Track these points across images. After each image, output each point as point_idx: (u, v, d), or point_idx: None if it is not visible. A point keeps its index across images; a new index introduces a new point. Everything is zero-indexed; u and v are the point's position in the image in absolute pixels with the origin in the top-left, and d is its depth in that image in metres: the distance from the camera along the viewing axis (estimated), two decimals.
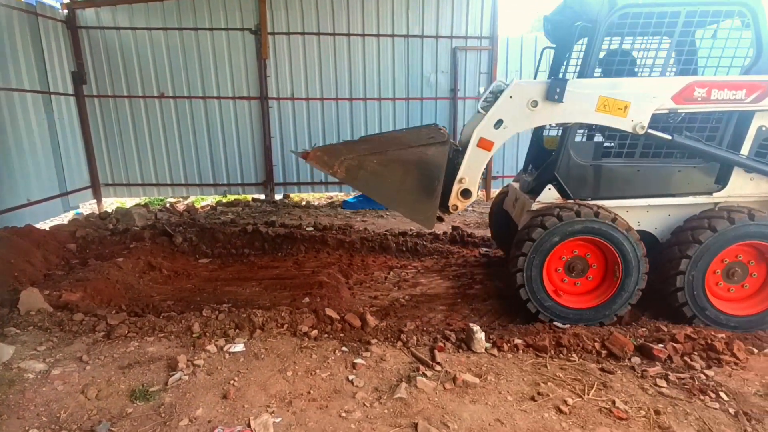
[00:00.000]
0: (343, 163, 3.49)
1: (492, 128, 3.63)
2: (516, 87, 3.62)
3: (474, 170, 3.72)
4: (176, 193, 9.01)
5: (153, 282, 4.75)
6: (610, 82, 3.61)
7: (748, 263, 3.65)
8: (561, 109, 3.57)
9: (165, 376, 2.88)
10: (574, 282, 3.82)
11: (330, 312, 3.64)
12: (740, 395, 2.75)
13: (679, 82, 3.51)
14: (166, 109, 8.39)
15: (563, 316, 3.71)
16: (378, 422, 2.48)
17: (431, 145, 3.44)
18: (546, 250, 3.62)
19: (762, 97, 3.48)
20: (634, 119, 3.54)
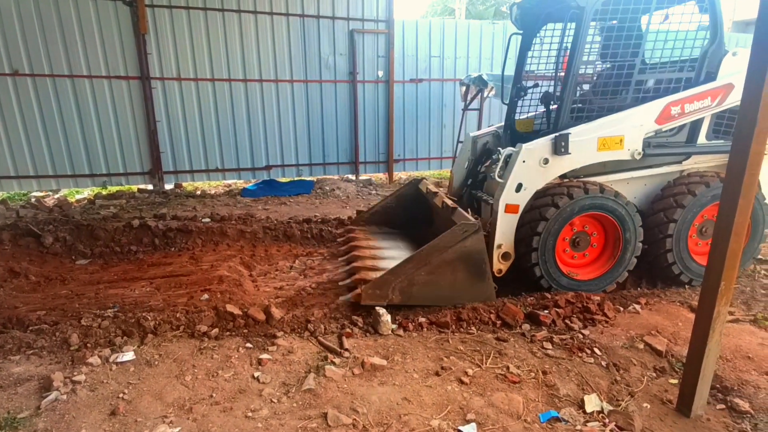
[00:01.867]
0: (396, 289, 3.64)
1: (514, 193, 3.92)
2: (525, 152, 3.88)
3: (508, 234, 4.01)
4: (43, 186, 7.85)
5: (17, 291, 4.12)
6: (602, 122, 3.97)
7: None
8: (569, 158, 3.91)
9: (37, 399, 2.53)
10: (582, 255, 4.19)
11: (231, 308, 3.46)
12: (610, 349, 3.15)
13: (658, 106, 3.95)
14: (22, 89, 7.20)
15: (571, 288, 4.03)
16: (287, 417, 2.43)
17: (467, 237, 3.63)
18: (558, 227, 3.92)
19: (723, 99, 3.99)
20: (630, 148, 3.97)
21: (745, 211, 2.26)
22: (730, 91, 3.98)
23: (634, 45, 4.03)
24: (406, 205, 5.38)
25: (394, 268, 3.73)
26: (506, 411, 2.53)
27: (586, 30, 3.94)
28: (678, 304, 3.88)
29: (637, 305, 3.76)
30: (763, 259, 4.93)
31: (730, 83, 3.97)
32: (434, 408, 2.55)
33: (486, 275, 3.73)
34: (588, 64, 4.28)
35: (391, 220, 5.44)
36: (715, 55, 4.02)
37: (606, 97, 4.17)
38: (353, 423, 2.39)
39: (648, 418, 2.52)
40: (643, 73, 4.12)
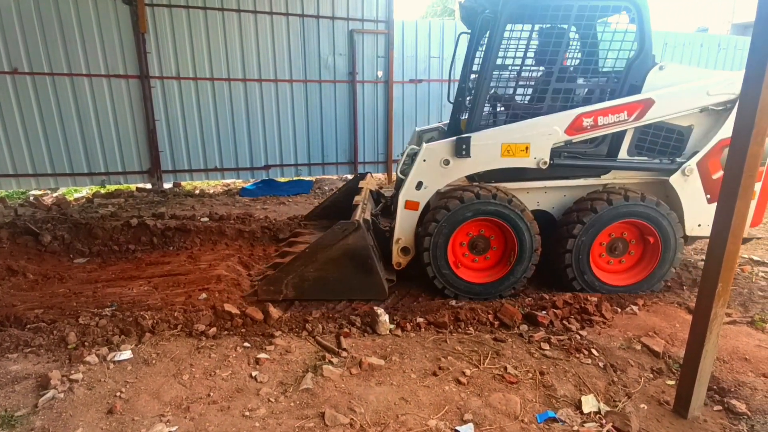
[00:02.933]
0: (289, 285, 3.84)
1: (414, 190, 3.95)
2: (426, 150, 3.90)
3: (407, 230, 4.04)
4: (42, 185, 7.83)
5: (15, 289, 4.12)
6: (508, 128, 3.91)
7: (629, 240, 4.15)
8: (471, 161, 3.89)
9: (34, 397, 2.53)
10: (474, 258, 4.15)
11: (229, 307, 3.46)
12: (607, 350, 3.16)
13: (569, 116, 3.85)
14: (21, 87, 7.18)
15: (467, 290, 4.03)
16: (284, 416, 2.43)
17: (348, 235, 3.76)
18: (448, 230, 3.90)
19: (642, 114, 3.86)
20: (536, 156, 3.88)
21: (743, 214, 2.27)
22: (650, 106, 3.83)
23: (551, 52, 3.94)
24: (350, 199, 5.37)
25: (285, 265, 3.92)
26: (503, 411, 2.53)
27: (500, 33, 3.91)
28: (675, 305, 3.89)
29: (635, 306, 3.77)
30: (761, 261, 4.95)
31: (650, 98, 3.82)
32: (431, 408, 2.55)
33: (374, 270, 3.80)
34: (502, 69, 4.17)
35: (340, 214, 5.44)
36: (641, 68, 3.90)
37: (521, 103, 4.16)
38: (350, 423, 2.39)
39: (645, 419, 2.52)
40: (562, 82, 3.97)
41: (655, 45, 11.00)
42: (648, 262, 4.14)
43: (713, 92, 3.82)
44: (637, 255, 4.21)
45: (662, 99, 3.83)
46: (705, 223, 4.05)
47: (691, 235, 4.12)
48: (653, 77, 3.86)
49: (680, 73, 3.91)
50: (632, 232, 4.12)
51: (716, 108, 3.89)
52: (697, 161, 3.90)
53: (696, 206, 4.02)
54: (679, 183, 3.94)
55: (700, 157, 3.90)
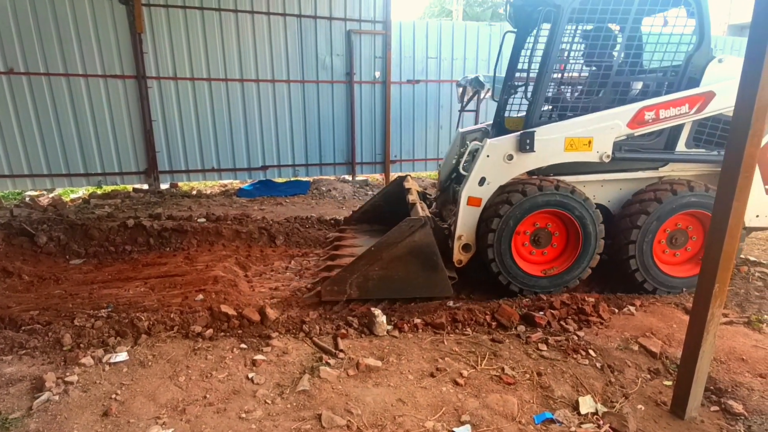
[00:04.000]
0: (353, 285, 3.82)
1: (477, 186, 3.94)
2: (490, 146, 3.90)
3: (469, 227, 4.03)
4: (38, 186, 7.80)
5: (10, 290, 4.09)
6: (572, 123, 3.93)
7: (687, 229, 4.14)
8: (534, 156, 3.89)
9: (29, 399, 2.51)
10: (541, 252, 4.15)
11: (226, 308, 3.44)
12: (605, 350, 3.15)
13: (631, 110, 3.86)
14: (17, 87, 7.15)
15: (532, 284, 4.05)
16: (281, 418, 2.42)
17: (415, 232, 3.76)
18: (512, 224, 3.90)
19: (703, 107, 3.87)
20: (599, 150, 3.90)
21: (739, 214, 2.27)
22: (711, 99, 3.85)
23: (611, 46, 3.97)
24: (392, 202, 5.45)
25: (349, 265, 3.88)
26: (501, 412, 2.53)
27: (561, 30, 3.93)
28: (673, 306, 3.89)
29: (632, 307, 3.77)
30: (757, 261, 4.96)
31: (711, 91, 3.84)
32: (429, 409, 2.54)
33: (439, 267, 3.80)
34: (563, 63, 4.24)
35: (380, 218, 5.51)
36: (700, 61, 3.92)
37: (581, 98, 4.15)
38: (347, 424, 2.38)
39: (642, 419, 2.52)
40: (621, 76, 4.03)
41: None
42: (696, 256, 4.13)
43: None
44: (696, 247, 4.18)
45: (723, 91, 3.81)
46: (764, 213, 4.06)
47: (749, 226, 4.10)
48: (712, 70, 3.86)
49: (739, 66, 3.92)
50: (693, 224, 4.10)
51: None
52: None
53: (755, 196, 3.92)
54: None
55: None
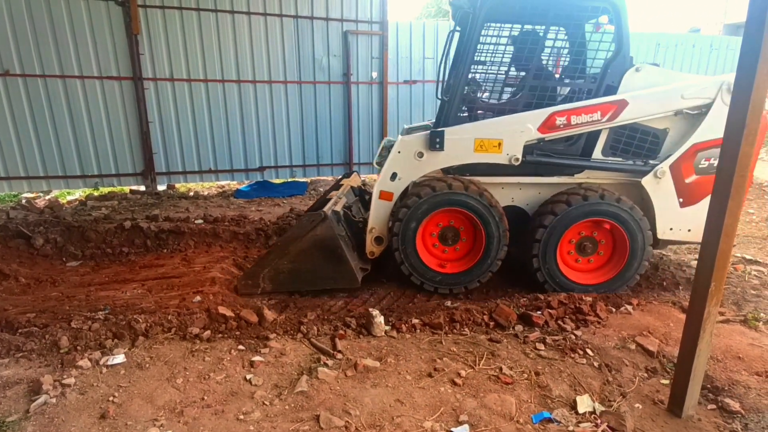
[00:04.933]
0: (265, 278, 4.00)
1: (389, 181, 4.05)
2: (401, 143, 4.01)
3: (381, 220, 4.13)
4: (34, 188, 7.77)
5: (7, 293, 4.08)
6: (482, 124, 3.97)
7: (597, 239, 4.13)
8: (444, 155, 3.96)
9: (26, 402, 2.50)
10: (443, 249, 4.22)
11: (224, 310, 3.44)
12: (602, 350, 3.16)
13: (542, 114, 3.87)
14: (13, 89, 7.11)
15: (430, 278, 4.13)
16: (279, 420, 2.42)
17: (316, 226, 3.89)
18: (418, 217, 3.97)
19: (615, 115, 3.86)
20: (509, 153, 3.92)
21: (735, 213, 2.28)
22: (624, 107, 3.83)
23: (528, 50, 4.01)
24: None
25: (260, 259, 4.07)
26: (499, 412, 2.53)
27: (477, 32, 3.94)
28: (670, 304, 3.90)
29: (629, 306, 3.78)
30: (753, 260, 4.98)
31: (623, 99, 3.83)
32: (427, 409, 2.54)
33: (344, 259, 3.91)
34: (478, 65, 4.27)
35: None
36: (617, 69, 3.90)
37: (497, 100, 4.22)
38: (345, 425, 2.38)
39: (640, 418, 2.53)
40: (538, 80, 4.02)
41: (648, 46, 10.97)
42: (616, 263, 4.12)
43: (687, 96, 3.82)
44: (603, 259, 4.19)
45: (636, 101, 3.83)
46: (677, 227, 4.05)
47: (662, 238, 4.10)
48: (629, 79, 3.86)
49: (656, 76, 3.90)
50: (605, 234, 4.10)
51: (691, 112, 3.87)
52: (670, 164, 3.89)
53: (668, 209, 4.00)
54: (651, 185, 3.94)
55: (673, 161, 3.89)
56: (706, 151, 3.82)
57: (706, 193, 3.86)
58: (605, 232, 4.08)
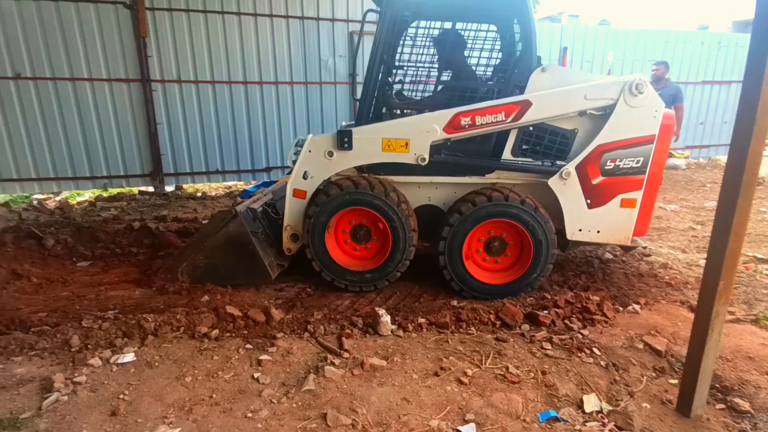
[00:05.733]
0: (184, 272, 4.10)
1: (301, 179, 4.06)
2: (311, 142, 4.00)
3: (296, 217, 4.15)
4: (45, 189, 7.88)
5: (19, 293, 4.13)
6: (390, 124, 3.97)
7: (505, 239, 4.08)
8: (353, 154, 3.96)
9: (38, 399, 2.54)
10: (354, 247, 4.24)
11: (231, 309, 3.47)
12: (609, 349, 3.15)
13: (447, 115, 3.83)
14: (24, 93, 7.23)
15: (339, 274, 4.13)
16: (286, 418, 2.44)
17: (228, 223, 3.99)
18: (326, 215, 3.99)
19: (520, 116, 3.80)
20: (416, 153, 3.89)
21: (745, 211, 2.26)
22: (528, 108, 3.78)
23: (437, 51, 4.08)
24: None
25: (178, 254, 4.18)
26: (505, 411, 2.53)
27: (385, 31, 3.93)
28: (678, 303, 3.88)
29: (637, 305, 3.76)
30: (765, 259, 4.93)
31: (527, 100, 3.78)
32: (433, 408, 2.55)
33: (256, 255, 3.97)
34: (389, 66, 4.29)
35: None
36: (524, 70, 3.86)
37: (408, 100, 4.24)
38: (352, 423, 2.40)
39: (647, 418, 2.52)
40: (446, 81, 3.99)
41: (656, 43, 10.86)
42: (521, 265, 4.04)
43: (590, 96, 3.76)
44: (510, 260, 4.12)
45: (539, 101, 3.77)
46: (586, 228, 3.98)
47: (572, 239, 4.03)
48: (535, 79, 3.80)
49: (562, 76, 3.85)
50: (513, 236, 4.04)
51: (595, 113, 3.82)
52: (576, 165, 3.83)
53: (576, 211, 3.93)
54: (558, 186, 3.88)
55: (579, 162, 3.82)
56: (611, 153, 3.77)
57: (613, 195, 3.87)
58: (513, 234, 4.03)
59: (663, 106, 3.73)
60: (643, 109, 3.69)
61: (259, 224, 4.21)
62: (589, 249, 5.15)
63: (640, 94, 3.66)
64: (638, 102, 3.68)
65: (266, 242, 4.18)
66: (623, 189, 3.83)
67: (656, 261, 4.95)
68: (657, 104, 3.71)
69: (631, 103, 3.68)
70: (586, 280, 4.43)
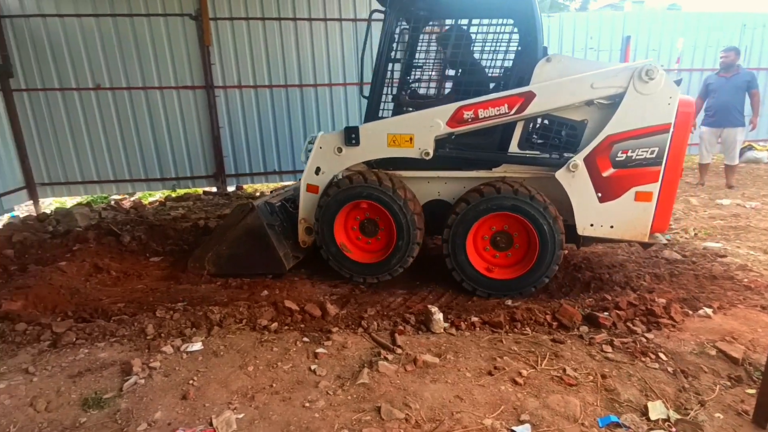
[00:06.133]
0: (209, 262, 4.42)
1: (314, 175, 4.27)
2: (321, 139, 4.19)
3: (309, 211, 4.35)
4: (120, 190, 8.57)
5: (101, 285, 4.53)
6: (395, 120, 4.08)
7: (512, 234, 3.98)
8: (361, 150, 4.10)
9: (119, 381, 2.78)
10: (374, 240, 4.34)
11: (289, 303, 3.62)
12: (678, 354, 2.98)
13: (450, 109, 3.83)
14: (103, 102, 7.90)
15: (350, 268, 4.31)
16: (342, 409, 2.52)
17: (246, 216, 4.28)
18: (336, 206, 4.15)
19: (523, 108, 3.70)
20: (420, 147, 3.94)
21: None
22: (531, 99, 3.67)
23: (441, 46, 4.08)
24: None
25: (204, 244, 4.45)
26: (562, 414, 2.47)
27: (391, 29, 4.03)
28: (759, 309, 3.58)
29: (709, 309, 3.52)
30: None
31: (530, 91, 3.67)
32: (487, 407, 2.53)
33: (271, 246, 4.22)
34: (396, 63, 4.29)
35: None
36: (528, 61, 3.76)
37: (415, 96, 4.29)
38: (406, 418, 2.43)
39: (720, 429, 2.36)
40: (454, 75, 4.08)
41: (733, 27, 10.11)
42: (529, 259, 3.91)
43: (597, 85, 3.60)
44: (518, 255, 4.02)
45: (543, 92, 3.67)
46: (598, 223, 3.78)
47: (583, 235, 3.85)
48: (540, 70, 3.70)
49: (568, 66, 3.71)
50: (519, 230, 3.92)
51: (604, 102, 3.65)
52: (584, 157, 3.65)
53: (586, 205, 3.75)
54: (566, 179, 3.72)
55: (587, 153, 3.64)
56: (622, 143, 3.57)
57: (626, 188, 3.65)
58: (520, 229, 3.92)
59: (678, 92, 3.51)
60: (656, 97, 3.49)
61: (277, 218, 4.45)
62: (654, 249, 4.87)
63: (651, 80, 3.46)
64: (650, 89, 3.48)
65: (283, 235, 4.42)
66: (637, 181, 3.63)
67: (733, 262, 4.59)
68: (671, 90, 3.49)
69: (642, 91, 3.49)
70: (651, 281, 4.19)
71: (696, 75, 9.91)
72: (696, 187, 7.92)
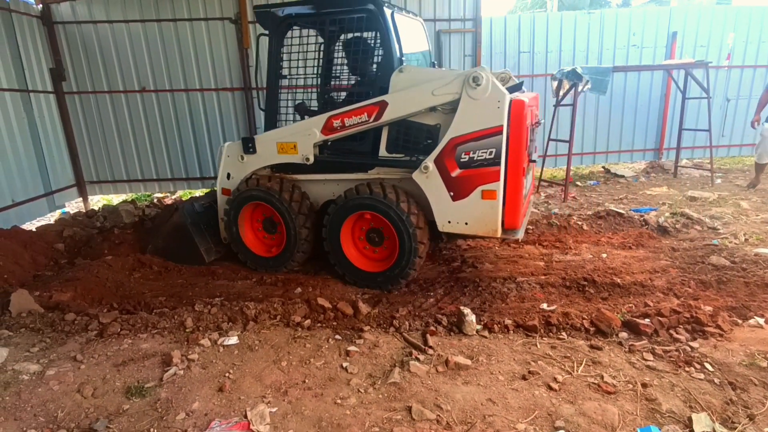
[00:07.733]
0: (152, 250, 5.11)
1: (226, 180, 4.88)
2: (227, 148, 4.82)
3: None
4: (163, 189, 8.90)
5: (143, 279, 4.73)
6: (282, 130, 4.56)
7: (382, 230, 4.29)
8: (257, 157, 4.66)
9: (160, 371, 2.89)
10: (274, 236, 4.86)
11: (322, 301, 3.66)
12: (725, 365, 2.83)
13: (322, 119, 4.26)
14: (148, 104, 8.24)
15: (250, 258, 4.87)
16: (373, 407, 2.53)
17: (173, 214, 5.02)
18: (237, 206, 4.71)
19: (380, 116, 4.04)
20: (303, 153, 4.42)
21: None
22: (385, 108, 3.99)
23: (312, 60, 4.58)
24: None
25: (152, 235, 5.26)
26: (599, 422, 2.39)
27: (277, 41, 4.51)
28: None
29: (760, 319, 3.33)
30: None
31: (383, 100, 3.99)
32: (520, 412, 2.49)
33: (192, 241, 4.85)
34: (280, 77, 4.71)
35: None
36: (385, 72, 4.04)
37: (300, 106, 4.74)
38: (437, 419, 2.42)
39: None
40: (329, 87, 4.63)
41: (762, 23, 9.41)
42: (390, 257, 4.26)
43: (438, 93, 3.85)
44: (385, 252, 4.36)
45: (395, 101, 3.97)
46: (454, 220, 4.00)
47: (443, 231, 4.10)
48: (395, 80, 3.99)
49: (416, 76, 3.97)
50: (387, 227, 4.17)
51: (447, 107, 3.87)
52: (434, 159, 3.90)
53: (442, 203, 3.99)
54: (421, 180, 3.98)
55: (436, 155, 3.89)
56: (464, 145, 3.78)
57: (473, 187, 3.84)
58: (385, 225, 4.17)
59: (506, 96, 3.65)
60: (485, 101, 3.68)
61: (202, 217, 5.02)
62: (699, 255, 4.65)
63: (478, 86, 3.66)
64: (478, 94, 3.68)
65: (203, 232, 4.98)
66: (482, 181, 3.82)
67: None
68: (499, 95, 3.66)
69: (473, 96, 3.70)
70: (696, 288, 4.00)
71: (748, 72, 9.39)
72: (747, 189, 7.50)
